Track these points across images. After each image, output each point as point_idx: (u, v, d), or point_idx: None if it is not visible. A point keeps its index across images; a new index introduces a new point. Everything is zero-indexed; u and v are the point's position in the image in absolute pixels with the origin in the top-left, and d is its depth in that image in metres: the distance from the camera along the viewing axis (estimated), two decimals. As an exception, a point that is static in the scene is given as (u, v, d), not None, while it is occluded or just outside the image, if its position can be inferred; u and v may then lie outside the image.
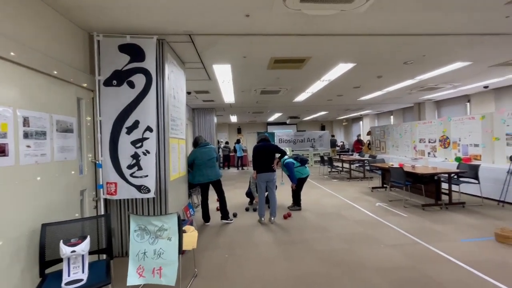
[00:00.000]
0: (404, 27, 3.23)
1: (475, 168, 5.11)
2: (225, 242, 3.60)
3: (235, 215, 4.75)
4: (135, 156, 2.94)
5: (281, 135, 14.08)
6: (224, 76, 5.15)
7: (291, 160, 4.99)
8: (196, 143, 4.48)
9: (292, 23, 2.98)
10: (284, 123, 17.06)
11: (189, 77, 5.02)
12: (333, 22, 3.01)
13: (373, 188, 6.89)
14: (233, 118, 14.00)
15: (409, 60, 4.55)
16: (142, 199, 3.14)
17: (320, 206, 5.31)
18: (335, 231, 3.87)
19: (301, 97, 7.93)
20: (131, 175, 2.94)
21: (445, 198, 5.09)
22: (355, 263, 2.87)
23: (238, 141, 13.00)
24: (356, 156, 10.19)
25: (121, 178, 2.92)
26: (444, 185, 5.16)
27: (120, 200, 3.12)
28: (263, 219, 4.40)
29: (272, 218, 4.39)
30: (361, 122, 16.44)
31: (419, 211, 4.71)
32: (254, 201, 5.52)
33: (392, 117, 12.93)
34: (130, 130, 2.94)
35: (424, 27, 3.25)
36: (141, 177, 2.95)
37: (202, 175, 4.26)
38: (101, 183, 2.88)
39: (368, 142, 11.84)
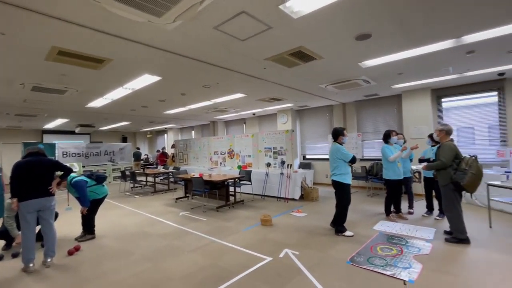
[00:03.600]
0: (204, 55, 3.76)
1: (249, 173, 6.87)
2: None
3: (-28, 273, 3.01)
4: None
5: (65, 147, 10.95)
6: (-46, 51, 3.24)
7: (82, 178, 4.02)
8: None
9: (89, 14, 2.50)
10: (71, 132, 13.63)
11: None
12: (141, 30, 2.88)
13: (177, 199, 7.17)
14: (-26, 120, 9.10)
15: (207, 84, 5.35)
16: None
17: (120, 228, 4.69)
18: (139, 252, 3.56)
19: (97, 103, 6.75)
20: None
21: (232, 199, 6.36)
22: (161, 279, 2.79)
23: (-17, 155, 8.53)
24: (161, 168, 10.21)
25: None
26: (231, 188, 6.46)
27: None
28: (32, 265, 3.13)
29: (49, 260, 3.24)
30: (165, 135, 16.86)
31: (215, 213, 5.52)
32: (14, 243, 3.81)
33: (193, 132, 14.45)
34: None
35: (218, 60, 3.97)
36: None
37: None
38: None
39: (172, 155, 12.30)
